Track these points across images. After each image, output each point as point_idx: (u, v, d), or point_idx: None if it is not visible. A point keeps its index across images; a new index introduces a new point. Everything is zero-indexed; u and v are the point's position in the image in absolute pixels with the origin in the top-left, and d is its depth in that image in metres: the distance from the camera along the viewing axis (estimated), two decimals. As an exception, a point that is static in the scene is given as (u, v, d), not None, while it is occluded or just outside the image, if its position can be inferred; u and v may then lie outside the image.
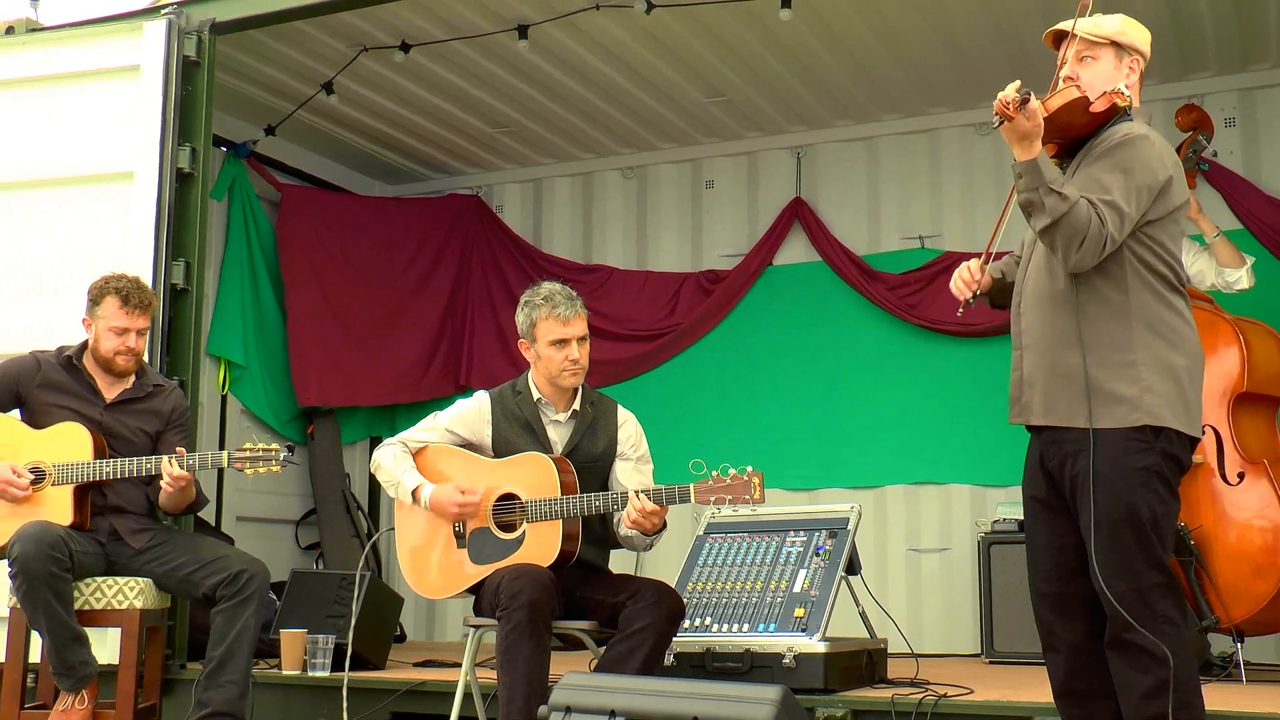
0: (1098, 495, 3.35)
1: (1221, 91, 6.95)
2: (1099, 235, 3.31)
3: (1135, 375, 3.39)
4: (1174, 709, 3.27)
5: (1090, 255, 3.34)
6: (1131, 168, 3.40)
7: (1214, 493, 5.29)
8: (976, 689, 4.68)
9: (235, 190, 7.64)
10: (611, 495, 4.33)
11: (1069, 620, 3.54)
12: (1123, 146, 3.44)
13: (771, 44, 6.74)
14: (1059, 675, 3.58)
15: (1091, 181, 3.40)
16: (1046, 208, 3.30)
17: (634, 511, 4.20)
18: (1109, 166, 3.41)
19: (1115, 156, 3.43)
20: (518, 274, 8.18)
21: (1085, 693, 3.53)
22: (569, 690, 3.59)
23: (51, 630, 4.48)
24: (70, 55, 6.06)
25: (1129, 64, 3.60)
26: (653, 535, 4.39)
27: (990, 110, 3.30)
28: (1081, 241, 3.31)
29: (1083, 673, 3.53)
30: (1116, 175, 3.39)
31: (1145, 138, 3.47)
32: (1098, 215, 3.31)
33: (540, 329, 4.49)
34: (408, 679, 5.28)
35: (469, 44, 6.72)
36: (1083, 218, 3.29)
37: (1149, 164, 3.42)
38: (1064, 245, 3.33)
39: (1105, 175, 3.40)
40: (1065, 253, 3.35)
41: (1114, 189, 3.36)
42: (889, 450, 7.40)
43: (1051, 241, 3.36)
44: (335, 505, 7.95)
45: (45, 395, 4.82)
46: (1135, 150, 3.43)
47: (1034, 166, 3.31)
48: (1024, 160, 3.33)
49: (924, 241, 7.54)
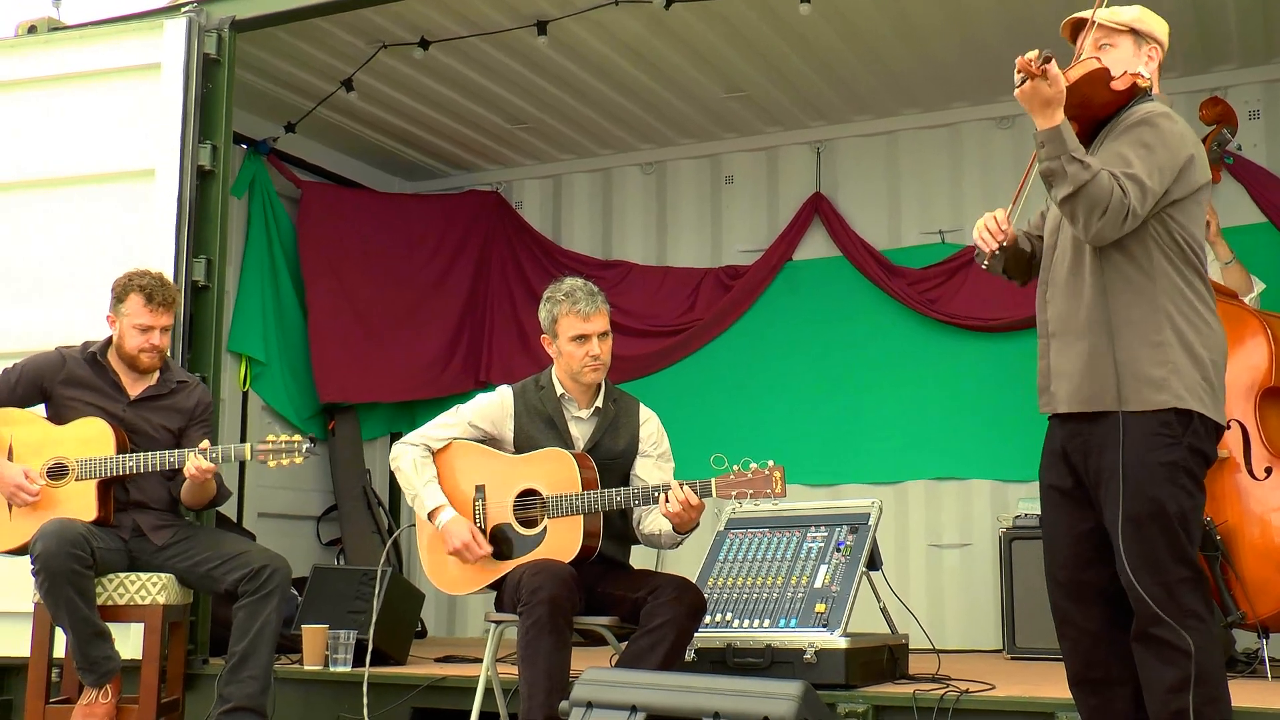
0: (1125, 491, 3.34)
1: (1245, 84, 6.92)
2: (1120, 206, 3.29)
3: (1163, 356, 3.37)
4: (1202, 703, 3.26)
5: (1111, 226, 3.32)
6: (1153, 144, 3.39)
7: (1240, 488, 5.26)
8: (998, 685, 4.67)
9: (256, 187, 7.66)
10: (632, 490, 4.32)
11: (1085, 608, 3.53)
12: (1144, 123, 3.43)
13: (791, 39, 6.73)
14: (1075, 663, 3.56)
15: (1113, 156, 3.39)
16: (1068, 175, 3.29)
17: (676, 503, 4.18)
18: (1130, 142, 3.41)
19: (1136, 132, 3.42)
20: (537, 270, 8.19)
21: (1101, 681, 3.52)
22: (590, 686, 3.59)
23: (74, 626, 4.50)
24: (91, 54, 6.08)
25: (1148, 51, 3.61)
26: (684, 534, 4.39)
27: (1009, 105, 3.30)
28: (1103, 211, 3.29)
29: (1098, 661, 3.52)
30: (1139, 150, 3.38)
31: (1166, 115, 3.46)
32: (1119, 186, 3.29)
33: (562, 325, 4.49)
34: (429, 674, 5.29)
35: (488, 40, 6.73)
36: (1104, 187, 3.27)
37: (1170, 141, 3.41)
38: (1085, 215, 3.31)
39: (1127, 150, 3.39)
40: (1086, 222, 3.32)
41: (1135, 163, 3.35)
42: (909, 445, 7.39)
43: (1072, 211, 3.33)
44: (356, 501, 7.97)
45: (69, 391, 4.84)
46: (1157, 127, 3.42)
47: (1056, 134, 3.31)
48: (1046, 128, 3.32)
49: (944, 236, 7.52)
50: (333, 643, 5.41)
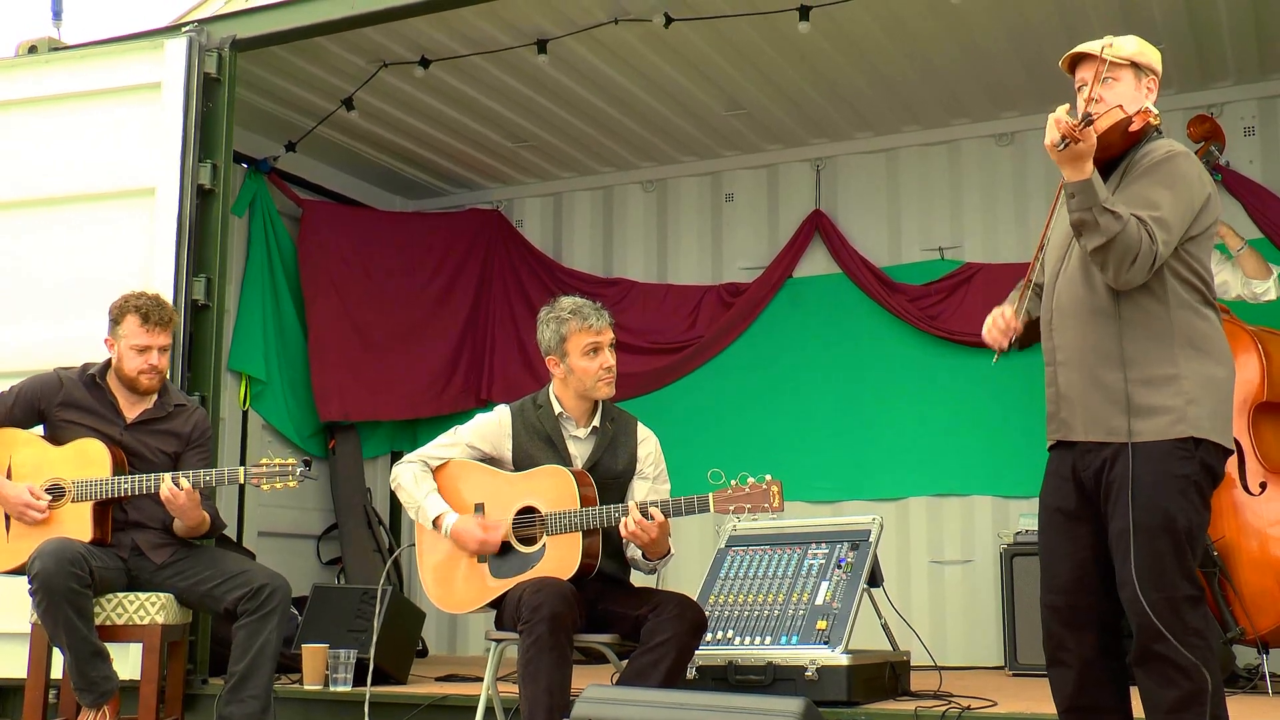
0: (1135, 502, 3.34)
1: (1241, 100, 6.94)
2: (1150, 252, 3.32)
3: (1179, 389, 3.39)
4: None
5: (1140, 273, 3.35)
6: (1177, 185, 3.43)
7: (1236, 503, 5.27)
8: (1000, 701, 4.67)
9: (256, 206, 7.68)
10: (630, 507, 4.31)
11: (1080, 634, 3.53)
12: (1167, 163, 3.46)
13: (791, 56, 6.75)
14: (1066, 690, 3.55)
15: (1139, 198, 3.41)
16: (1100, 226, 3.30)
17: (632, 523, 4.19)
18: (1155, 183, 3.43)
19: (1160, 173, 3.45)
20: (539, 288, 8.19)
21: (1091, 708, 3.52)
22: (591, 703, 3.58)
23: (72, 646, 4.48)
24: (92, 74, 6.10)
25: (1147, 84, 3.63)
26: (655, 560, 4.40)
27: (1010, 121, 3.31)
28: (1134, 259, 3.31)
29: (1091, 688, 3.52)
30: (1164, 192, 3.41)
31: (1186, 155, 3.50)
32: (1148, 233, 3.32)
33: (572, 341, 4.48)
34: (430, 693, 5.28)
35: (488, 59, 6.74)
36: (1134, 236, 3.30)
37: (1192, 181, 3.46)
38: (1116, 264, 3.33)
39: (1152, 191, 3.41)
40: (1117, 271, 3.35)
41: (1163, 205, 3.38)
42: (911, 462, 7.39)
43: (1104, 260, 3.35)
44: (357, 520, 7.96)
45: (66, 414, 4.83)
46: (1180, 168, 3.46)
47: (1088, 186, 3.31)
48: (1077, 180, 3.32)
49: (944, 253, 7.53)
50: (333, 662, 5.40)
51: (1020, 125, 7.31)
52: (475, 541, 4.42)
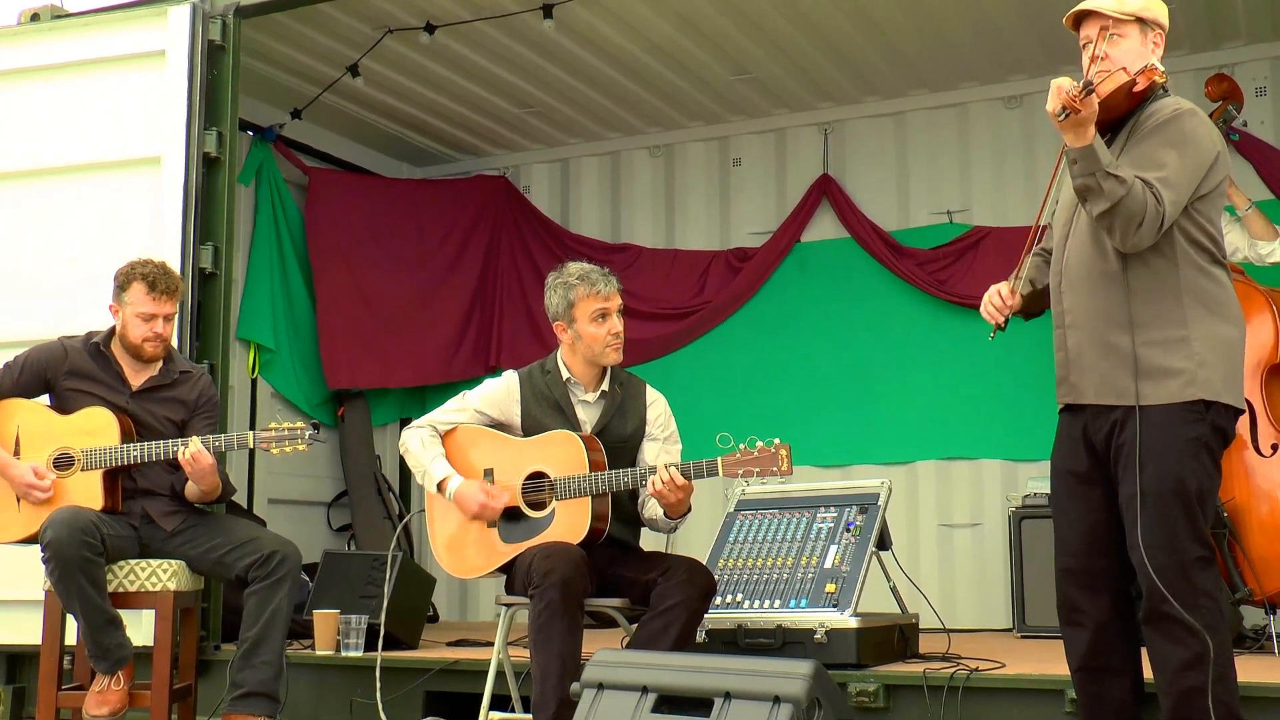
0: (1145, 465, 3.33)
1: (1253, 60, 6.88)
2: (1156, 215, 3.30)
3: (1189, 350, 3.39)
4: (1212, 681, 3.27)
5: (1148, 235, 3.33)
6: (1183, 144, 3.40)
7: (1247, 465, 5.26)
8: (1008, 663, 4.67)
9: (262, 174, 7.66)
10: (640, 471, 4.32)
11: (1094, 596, 3.54)
12: (1173, 122, 3.43)
13: (799, 20, 6.71)
14: (1080, 650, 3.57)
15: (1145, 159, 3.39)
16: (1105, 191, 3.28)
17: (660, 483, 4.19)
18: (1162, 143, 3.41)
19: (1167, 133, 3.42)
20: (546, 255, 8.17)
21: (1104, 668, 3.54)
22: (601, 667, 3.60)
23: (86, 614, 4.51)
24: (95, 42, 6.08)
25: (1153, 39, 3.60)
26: (677, 518, 4.40)
27: (1018, 84, 3.30)
28: (1140, 223, 3.30)
29: (1104, 649, 3.53)
30: (1170, 152, 3.38)
31: (1194, 113, 3.47)
32: (1154, 195, 3.30)
33: (580, 307, 4.47)
34: (441, 658, 5.30)
35: (494, 24, 6.71)
36: (1140, 199, 3.28)
37: (1200, 140, 3.43)
38: (1122, 228, 3.32)
39: (1158, 152, 3.39)
40: (1123, 235, 3.33)
41: (1168, 165, 3.36)
42: (919, 426, 7.38)
43: (1110, 225, 3.34)
44: (367, 487, 7.98)
45: (72, 383, 4.83)
46: (1186, 127, 3.43)
47: (1090, 152, 3.29)
48: (1079, 146, 3.30)
49: (953, 217, 7.50)
50: (344, 628, 5.42)
51: (1029, 88, 7.26)
52: (476, 505, 4.42)
